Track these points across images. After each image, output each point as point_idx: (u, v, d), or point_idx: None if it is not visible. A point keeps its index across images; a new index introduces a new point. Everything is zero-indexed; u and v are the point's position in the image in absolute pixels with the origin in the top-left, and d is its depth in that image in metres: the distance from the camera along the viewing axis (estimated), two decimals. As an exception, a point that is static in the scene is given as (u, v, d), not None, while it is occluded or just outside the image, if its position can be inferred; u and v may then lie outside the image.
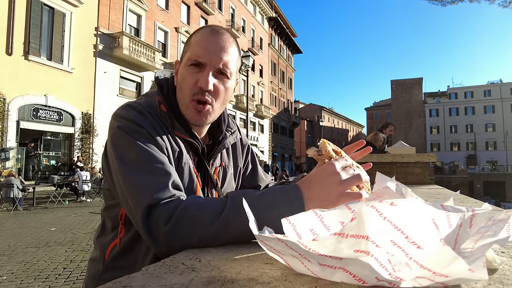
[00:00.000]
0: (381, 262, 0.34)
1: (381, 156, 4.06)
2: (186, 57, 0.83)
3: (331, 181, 0.63)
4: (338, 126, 74.23)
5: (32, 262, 4.45)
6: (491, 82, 59.72)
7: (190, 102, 0.82)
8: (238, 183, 1.04)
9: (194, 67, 0.81)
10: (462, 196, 1.79)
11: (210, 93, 0.81)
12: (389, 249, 0.34)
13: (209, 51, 0.80)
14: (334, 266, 0.37)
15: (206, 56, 0.80)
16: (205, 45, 0.81)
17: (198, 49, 0.81)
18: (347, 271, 0.36)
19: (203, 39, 0.82)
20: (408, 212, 0.34)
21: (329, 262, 0.37)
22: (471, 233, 0.44)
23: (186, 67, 0.82)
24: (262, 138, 32.45)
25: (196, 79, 0.80)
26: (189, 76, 0.81)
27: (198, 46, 0.81)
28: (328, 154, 0.69)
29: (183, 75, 0.83)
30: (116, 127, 0.75)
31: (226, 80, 0.84)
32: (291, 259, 0.42)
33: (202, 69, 0.81)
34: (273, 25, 35.95)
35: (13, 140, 11.93)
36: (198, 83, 0.80)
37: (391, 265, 0.34)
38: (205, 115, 0.83)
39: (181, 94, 0.84)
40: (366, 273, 0.35)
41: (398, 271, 0.34)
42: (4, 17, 11.72)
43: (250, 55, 13.68)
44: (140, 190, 0.67)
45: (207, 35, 0.82)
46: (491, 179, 45.21)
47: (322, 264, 0.38)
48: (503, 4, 8.53)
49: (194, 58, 0.81)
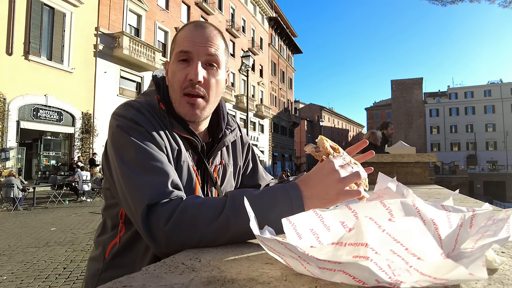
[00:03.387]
0: (381, 266, 0.34)
1: (381, 156, 4.06)
2: (174, 54, 0.84)
3: (330, 179, 0.63)
4: (338, 126, 74.21)
5: (32, 262, 4.45)
6: (491, 82, 59.72)
7: (181, 97, 0.82)
8: (238, 181, 1.04)
9: (183, 62, 0.81)
10: (462, 196, 1.79)
11: (201, 85, 0.82)
12: (388, 257, 0.34)
13: (195, 42, 0.81)
14: (334, 269, 0.37)
15: (192, 47, 0.80)
16: (190, 38, 0.81)
17: (183, 43, 0.81)
18: (346, 273, 0.36)
19: (188, 33, 0.83)
20: (406, 228, 0.34)
21: (328, 265, 0.37)
22: (472, 233, 0.44)
23: (175, 64, 0.83)
24: (262, 138, 32.45)
25: (185, 73, 0.81)
26: (178, 72, 0.81)
27: (183, 40, 0.82)
28: (325, 150, 0.69)
29: (173, 72, 0.83)
30: (115, 126, 0.76)
31: (216, 71, 0.84)
32: (291, 260, 0.42)
33: (191, 62, 0.81)
34: (273, 25, 35.94)
35: (13, 140, 11.94)
36: (188, 76, 0.80)
37: (391, 269, 0.34)
38: (199, 109, 0.83)
39: (172, 91, 0.84)
40: (366, 275, 0.35)
41: (398, 276, 0.34)
42: (4, 17, 11.73)
43: (250, 55, 13.68)
44: (139, 190, 0.67)
45: (191, 30, 0.83)
46: (491, 179, 45.19)
47: (321, 268, 0.38)
48: (503, 4, 8.53)
49: (180, 49, 0.81)
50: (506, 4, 8.51)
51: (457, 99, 59.38)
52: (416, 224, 0.34)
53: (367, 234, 0.34)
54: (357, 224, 0.34)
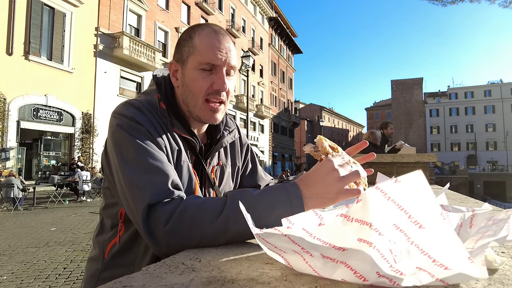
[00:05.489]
0: (383, 253, 0.35)
1: (381, 156, 4.06)
2: (194, 60, 0.81)
3: (330, 178, 0.63)
4: (338, 126, 74.22)
5: (32, 262, 4.45)
6: (492, 82, 59.73)
7: (203, 103, 0.83)
8: (237, 182, 1.04)
9: (204, 70, 0.82)
10: (462, 196, 1.79)
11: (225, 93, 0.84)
12: (391, 236, 0.35)
13: (221, 53, 0.81)
14: (337, 260, 0.37)
15: (218, 59, 0.81)
16: (214, 47, 0.81)
17: (209, 52, 0.80)
18: (348, 266, 0.36)
19: (211, 41, 0.81)
20: (411, 188, 0.35)
21: (332, 254, 0.37)
22: (471, 233, 0.44)
23: (197, 70, 0.82)
24: (262, 138, 32.45)
25: (210, 81, 0.81)
26: (202, 80, 0.81)
27: (208, 49, 0.81)
28: (324, 150, 0.69)
29: (193, 78, 0.82)
30: (115, 125, 0.75)
31: (232, 78, 0.87)
32: (292, 256, 0.42)
33: (215, 71, 0.82)
34: (273, 25, 35.94)
35: (13, 140, 11.94)
36: (215, 86, 0.81)
37: (393, 255, 0.35)
38: (219, 113, 0.86)
39: (191, 96, 0.84)
40: (368, 268, 0.35)
41: (399, 262, 0.35)
42: (4, 17, 11.73)
43: (250, 55, 13.68)
44: (140, 190, 0.66)
45: (213, 37, 0.82)
46: (491, 179, 45.16)
47: (324, 256, 0.38)
48: (504, 4, 8.52)
49: (207, 61, 0.80)
50: (506, 4, 8.50)
51: (457, 99, 59.38)
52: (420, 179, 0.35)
53: (373, 209, 0.35)
54: (364, 196, 0.36)
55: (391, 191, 0.35)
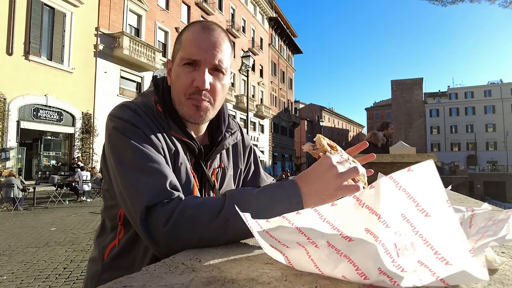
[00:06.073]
0: (387, 248, 0.35)
1: (381, 156, 4.06)
2: (179, 56, 0.81)
3: (328, 175, 0.63)
4: (338, 126, 74.22)
5: (32, 262, 4.45)
6: (492, 82, 59.72)
7: (186, 100, 0.81)
8: (238, 184, 1.02)
9: (188, 66, 0.79)
10: (463, 196, 1.79)
11: (207, 91, 0.80)
12: (398, 228, 0.36)
13: (202, 48, 0.78)
14: (341, 252, 0.38)
15: (200, 54, 0.78)
16: (197, 42, 0.79)
17: (190, 47, 0.79)
18: (351, 261, 0.37)
19: (195, 36, 0.80)
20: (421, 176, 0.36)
21: (338, 243, 0.38)
22: (471, 233, 0.44)
23: (180, 67, 0.80)
24: (262, 138, 32.44)
25: (191, 78, 0.79)
26: (184, 76, 0.79)
27: (191, 44, 0.79)
28: (323, 148, 0.69)
29: (177, 75, 0.81)
30: (111, 127, 0.75)
31: (222, 76, 0.83)
32: (294, 251, 0.42)
33: (197, 67, 0.79)
34: (273, 25, 35.94)
35: (13, 140, 11.94)
36: (195, 83, 0.78)
37: (396, 249, 0.35)
38: (204, 111, 0.82)
39: (175, 93, 0.83)
40: (370, 264, 0.35)
41: (402, 256, 0.35)
42: (4, 17, 11.73)
43: (250, 55, 13.67)
44: (138, 192, 0.66)
45: (198, 32, 0.80)
46: (491, 179, 45.17)
47: (330, 245, 0.38)
48: (504, 4, 8.52)
49: (188, 57, 0.79)
50: (506, 4, 8.50)
51: (457, 99, 59.37)
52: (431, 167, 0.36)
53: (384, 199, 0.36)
54: (377, 184, 0.36)
55: (403, 180, 0.36)
